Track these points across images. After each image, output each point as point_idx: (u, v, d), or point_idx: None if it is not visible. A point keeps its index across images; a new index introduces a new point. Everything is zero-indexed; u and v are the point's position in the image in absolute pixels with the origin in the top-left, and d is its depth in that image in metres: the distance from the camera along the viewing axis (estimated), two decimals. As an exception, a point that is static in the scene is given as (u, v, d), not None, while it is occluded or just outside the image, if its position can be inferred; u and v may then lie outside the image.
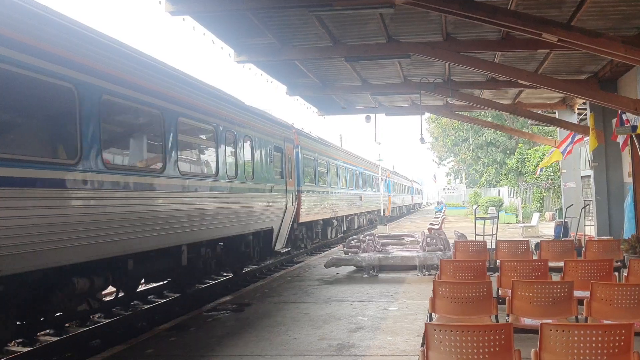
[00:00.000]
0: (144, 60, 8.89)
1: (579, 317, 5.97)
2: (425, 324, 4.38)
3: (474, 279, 7.33)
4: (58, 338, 9.61)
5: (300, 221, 18.16)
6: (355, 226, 29.67)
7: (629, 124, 13.12)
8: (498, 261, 8.37)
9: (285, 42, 12.02)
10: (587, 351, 3.97)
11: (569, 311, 5.84)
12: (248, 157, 13.10)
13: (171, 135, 9.42)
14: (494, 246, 10.85)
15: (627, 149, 14.17)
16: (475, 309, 5.92)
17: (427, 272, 12.58)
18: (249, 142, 13.13)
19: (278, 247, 15.48)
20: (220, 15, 10.17)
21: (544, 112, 20.33)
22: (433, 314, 6.09)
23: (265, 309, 9.51)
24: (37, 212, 6.33)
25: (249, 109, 13.59)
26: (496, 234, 14.28)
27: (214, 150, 11.23)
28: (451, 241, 13.21)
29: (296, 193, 17.47)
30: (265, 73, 14.52)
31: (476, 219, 17.38)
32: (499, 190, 46.21)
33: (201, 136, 11.44)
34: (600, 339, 3.98)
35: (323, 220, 22.02)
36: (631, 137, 13.28)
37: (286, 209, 15.98)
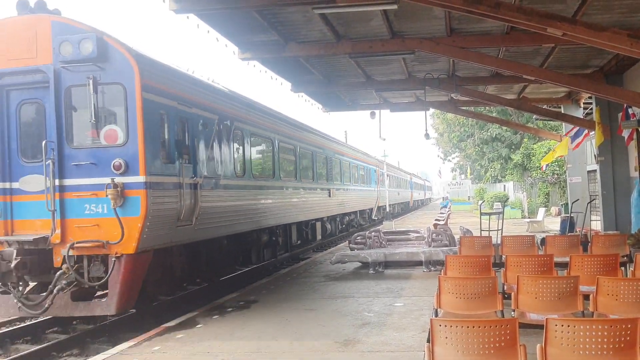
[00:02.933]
0: (261, 107, 14.30)
1: (585, 312, 5.96)
2: (431, 319, 4.39)
3: (479, 274, 7.33)
4: (66, 336, 9.67)
5: (379, 205, 33.68)
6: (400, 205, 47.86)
7: (634, 118, 13.07)
8: (504, 256, 8.36)
9: (289, 39, 12.02)
10: (593, 346, 3.97)
11: (574, 306, 5.83)
12: (365, 173, 29.70)
13: (328, 164, 19.86)
14: (499, 241, 10.83)
15: (633, 143, 14.11)
16: (480, 304, 5.92)
17: (432, 268, 12.58)
18: (363, 167, 28.86)
19: (373, 216, 32.14)
20: (224, 12, 10.16)
21: (549, 107, 20.27)
22: (439, 309, 6.09)
23: (271, 305, 9.54)
24: (260, 201, 13.14)
25: (362, 151, 29.69)
26: (502, 229, 14.27)
27: (347, 167, 25.08)
28: (457, 237, 13.20)
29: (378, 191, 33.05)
30: (269, 70, 14.52)
31: (481, 214, 17.37)
32: (505, 186, 46.09)
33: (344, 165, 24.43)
34: (606, 333, 3.97)
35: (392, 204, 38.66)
36: (637, 131, 13.24)
37: (377, 198, 32.44)
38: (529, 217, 28.50)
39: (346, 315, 8.45)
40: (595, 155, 16.63)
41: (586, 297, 5.96)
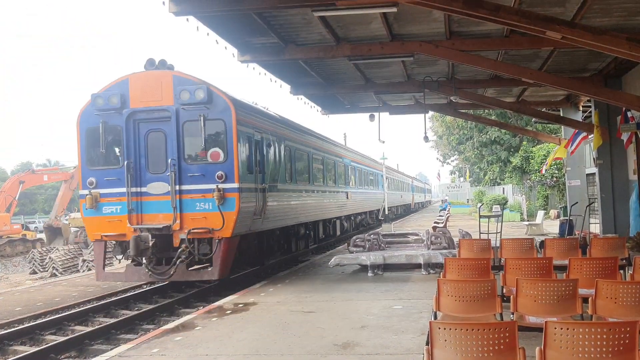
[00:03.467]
0: (300, 127, 18.16)
1: (584, 315, 5.96)
2: (430, 322, 4.39)
3: (478, 277, 7.33)
4: (64, 338, 9.67)
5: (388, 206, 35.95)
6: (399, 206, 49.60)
7: (633, 121, 13.10)
8: (503, 259, 8.36)
9: (289, 41, 12.03)
10: (592, 349, 3.97)
11: (573, 309, 5.83)
12: (374, 178, 33.20)
13: (348, 172, 24.23)
14: (498, 244, 10.83)
15: (632, 146, 14.14)
16: (479, 307, 5.92)
17: (431, 271, 12.58)
18: (373, 172, 32.39)
19: (380, 216, 33.70)
20: (224, 15, 10.19)
21: (548, 110, 20.30)
22: (438, 312, 6.09)
23: (270, 307, 9.53)
24: (302, 203, 16.81)
25: (371, 159, 33.48)
26: (500, 232, 14.27)
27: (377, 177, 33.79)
28: (455, 239, 13.20)
29: (385, 193, 35.55)
30: (269, 72, 14.55)
31: (480, 217, 17.37)
32: (503, 189, 46.10)
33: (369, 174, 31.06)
34: (605, 336, 3.97)
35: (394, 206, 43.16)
36: (636, 134, 13.26)
37: (384, 200, 34.61)
38: (528, 220, 28.51)
39: (345, 317, 8.45)
40: (594, 159, 16.65)
41: (585, 300, 5.96)
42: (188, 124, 11.63)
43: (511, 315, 5.99)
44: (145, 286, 15.29)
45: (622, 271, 8.27)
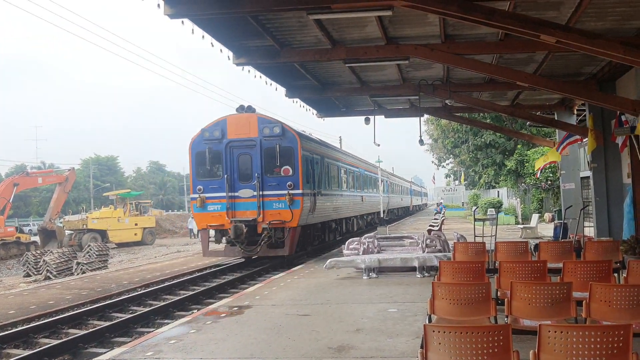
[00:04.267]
0: (333, 147, 25.14)
1: (578, 318, 5.97)
2: (424, 325, 4.39)
3: (473, 280, 7.33)
4: (58, 341, 9.63)
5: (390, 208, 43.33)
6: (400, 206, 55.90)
7: (627, 125, 13.13)
8: (497, 262, 8.36)
9: (284, 44, 12.04)
10: (586, 352, 3.97)
11: (567, 312, 5.83)
12: (381, 184, 39.31)
13: (374, 181, 34.28)
14: (493, 247, 10.85)
15: (626, 150, 14.18)
16: (474, 310, 5.92)
17: (426, 274, 12.59)
18: (380, 179, 38.02)
19: (384, 217, 37.89)
20: (219, 17, 10.19)
21: (543, 114, 20.36)
22: (432, 315, 6.09)
23: (264, 311, 9.52)
24: (335, 204, 22.51)
25: (380, 168, 39.95)
26: (495, 235, 14.30)
27: (386, 185, 41.66)
28: (450, 242, 13.21)
29: (386, 197, 41.38)
30: (264, 75, 14.55)
31: (475, 220, 17.40)
32: (498, 192, 46.18)
33: (380, 182, 37.92)
34: (599, 340, 3.98)
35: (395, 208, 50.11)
36: (630, 138, 13.29)
37: (388, 203, 41.15)
38: (523, 223, 28.55)
39: (340, 321, 8.44)
40: (588, 162, 16.70)
41: (579, 303, 5.97)
42: (268, 149, 17.15)
43: (505, 319, 6.00)
44: (140, 289, 15.28)
45: (616, 274, 8.29)
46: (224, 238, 17.79)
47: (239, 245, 17.23)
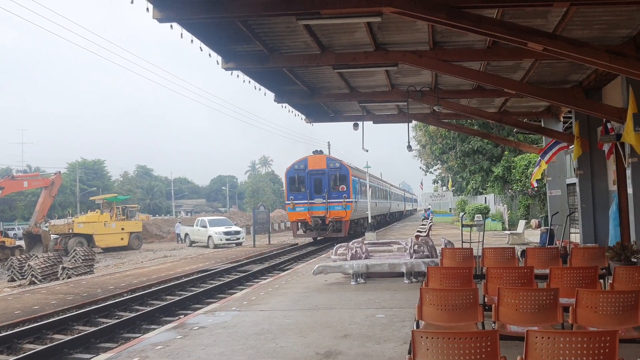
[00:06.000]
0: (370, 174, 40.91)
1: (565, 324, 6.01)
2: (412, 331, 4.39)
3: (460, 286, 7.35)
4: (43, 347, 9.53)
5: (391, 212, 60.01)
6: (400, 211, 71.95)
7: (613, 133, 13.25)
8: (484, 268, 8.39)
9: (273, 49, 12.03)
10: (572, 358, 3.99)
11: (554, 318, 5.87)
12: (394, 194, 66.21)
13: (385, 192, 53.09)
14: (480, 253, 10.89)
15: (612, 157, 14.32)
16: (461, 316, 5.93)
17: (414, 279, 12.61)
18: (393, 192, 64.01)
19: (387, 217, 56.98)
20: (208, 22, 10.16)
21: (530, 121, 20.49)
22: (420, 321, 6.09)
23: (252, 316, 9.48)
24: (363, 207, 36.89)
25: (403, 189, 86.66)
26: (482, 241, 14.35)
27: (389, 194, 58.53)
28: (438, 248, 13.24)
29: (388, 203, 56.64)
30: (253, 80, 14.51)
31: (463, 226, 17.47)
32: (485, 198, 46.46)
33: (387, 193, 56.09)
34: (585, 346, 4.00)
35: (396, 212, 65.38)
36: (616, 145, 13.42)
37: (390, 207, 57.62)
38: (510, 229, 28.71)
39: (328, 326, 8.42)
40: (574, 169, 16.83)
41: (566, 309, 6.01)
42: (331, 176, 31.60)
43: (493, 324, 6.02)
44: (126, 294, 15.16)
45: (602, 280, 8.36)
46: (304, 227, 32.54)
47: (316, 231, 32.05)
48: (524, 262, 10.05)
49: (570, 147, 16.77)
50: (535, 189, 30.82)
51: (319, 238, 33.19)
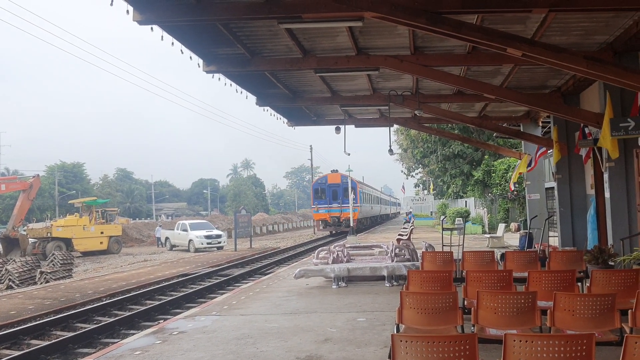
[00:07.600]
0: (367, 184, 60.22)
1: (543, 327, 6.06)
2: (392, 335, 4.40)
3: (440, 289, 7.38)
4: (19, 352, 9.39)
5: (380, 214, 71.79)
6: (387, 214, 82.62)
7: (591, 137, 13.45)
8: (464, 271, 8.45)
9: (255, 53, 12.02)
10: (550, 361, 4.03)
11: (532, 321, 5.91)
12: (386, 200, 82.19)
13: (377, 198, 65.21)
14: (460, 256, 10.96)
15: (590, 162, 14.52)
16: (441, 319, 5.96)
17: (395, 283, 12.65)
18: (383, 199, 76.67)
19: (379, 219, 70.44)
20: (189, 25, 10.11)
21: (509, 125, 20.71)
22: (400, 324, 6.11)
23: (232, 321, 9.43)
24: (366, 210, 53.20)
25: (389, 194, 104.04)
26: (463, 244, 14.45)
27: (379, 199, 69.89)
28: (419, 252, 13.30)
29: (379, 207, 68.92)
30: (234, 83, 14.46)
31: (443, 229, 17.57)
32: (466, 202, 46.77)
33: (378, 199, 68.46)
34: (562, 349, 4.04)
35: (384, 214, 76.57)
36: (593, 149, 13.61)
37: (380, 210, 69.74)
38: (489, 233, 28.93)
39: (308, 330, 8.41)
40: (553, 173, 17.02)
41: (544, 312, 6.06)
42: (344, 188, 41.14)
43: (472, 328, 6.06)
44: (105, 299, 15.01)
45: (579, 284, 8.46)
46: (324, 224, 44.28)
47: (333, 227, 43.76)
48: (503, 266, 10.13)
49: (549, 151, 16.97)
50: (515, 192, 31.17)
51: (334, 232, 45.58)
